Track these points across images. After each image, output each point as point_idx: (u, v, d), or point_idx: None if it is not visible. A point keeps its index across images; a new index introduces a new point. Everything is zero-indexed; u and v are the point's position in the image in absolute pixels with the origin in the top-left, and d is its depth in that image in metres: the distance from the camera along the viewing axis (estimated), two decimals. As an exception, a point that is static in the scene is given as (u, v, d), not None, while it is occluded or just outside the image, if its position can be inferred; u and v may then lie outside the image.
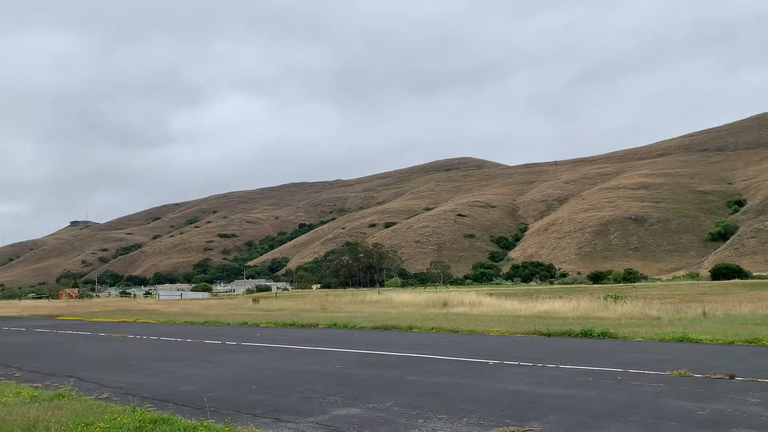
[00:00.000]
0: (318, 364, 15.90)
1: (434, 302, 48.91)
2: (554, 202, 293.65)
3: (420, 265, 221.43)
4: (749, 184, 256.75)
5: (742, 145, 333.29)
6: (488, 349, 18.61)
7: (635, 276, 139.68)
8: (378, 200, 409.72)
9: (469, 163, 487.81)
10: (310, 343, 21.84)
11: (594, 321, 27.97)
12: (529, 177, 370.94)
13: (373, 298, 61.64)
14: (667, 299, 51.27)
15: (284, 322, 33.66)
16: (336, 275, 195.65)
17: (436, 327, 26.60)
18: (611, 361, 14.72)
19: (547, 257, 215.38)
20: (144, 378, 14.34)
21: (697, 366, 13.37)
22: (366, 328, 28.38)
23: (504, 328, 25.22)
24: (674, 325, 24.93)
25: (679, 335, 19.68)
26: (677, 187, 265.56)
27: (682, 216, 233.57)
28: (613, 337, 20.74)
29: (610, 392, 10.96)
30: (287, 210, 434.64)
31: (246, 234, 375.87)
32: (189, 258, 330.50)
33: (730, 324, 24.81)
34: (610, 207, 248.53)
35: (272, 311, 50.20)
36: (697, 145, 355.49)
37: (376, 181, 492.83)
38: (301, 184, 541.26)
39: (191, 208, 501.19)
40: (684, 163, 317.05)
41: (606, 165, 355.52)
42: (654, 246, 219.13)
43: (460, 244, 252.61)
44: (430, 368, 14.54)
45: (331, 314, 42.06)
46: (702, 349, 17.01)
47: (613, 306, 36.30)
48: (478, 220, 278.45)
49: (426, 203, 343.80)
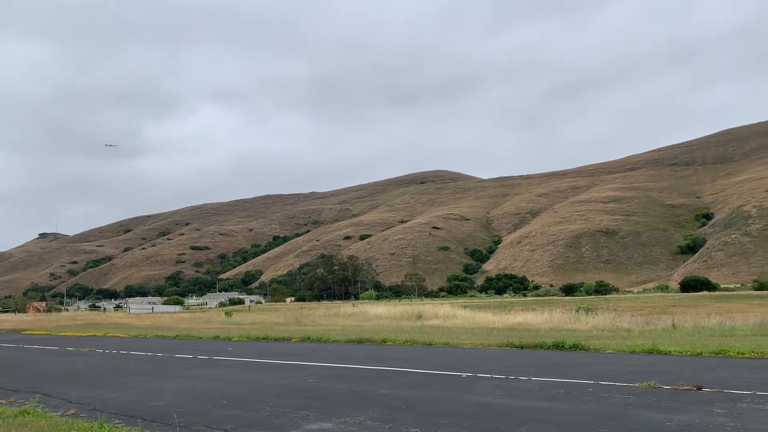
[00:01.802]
0: (291, 378, 15.77)
1: (409, 315, 48.88)
2: (527, 215, 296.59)
3: (395, 278, 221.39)
4: (717, 198, 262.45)
5: (710, 160, 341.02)
6: (461, 361, 18.66)
7: (607, 288, 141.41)
8: (353, 212, 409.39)
9: (443, 175, 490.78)
10: (283, 357, 21.66)
11: (566, 333, 28.23)
12: (503, 190, 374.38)
13: (347, 311, 61.39)
14: (638, 311, 52.00)
15: (257, 335, 33.31)
16: (310, 288, 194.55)
17: (410, 340, 26.58)
18: (583, 373, 14.87)
19: (520, 269, 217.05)
20: (112, 393, 14.07)
21: (666, 378, 13.57)
22: (340, 341, 28.24)
23: (477, 340, 25.32)
24: (644, 337, 25.28)
25: (649, 347, 19.97)
26: (647, 200, 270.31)
27: (652, 229, 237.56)
28: (584, 349, 20.95)
29: (581, 404, 11.06)
30: (261, 222, 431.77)
31: (219, 246, 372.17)
32: (161, 271, 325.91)
33: (699, 336, 25.26)
34: (582, 220, 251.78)
35: (245, 325, 49.65)
36: (666, 160, 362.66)
37: (351, 193, 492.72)
38: (275, 196, 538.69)
39: (164, 220, 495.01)
40: (653, 177, 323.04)
41: (577, 178, 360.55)
42: (625, 258, 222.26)
43: (435, 256, 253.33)
44: (403, 381, 14.53)
45: (304, 327, 41.76)
46: (671, 361, 17.28)
47: (585, 318, 36.70)
48: (453, 232, 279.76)
49: (401, 216, 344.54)
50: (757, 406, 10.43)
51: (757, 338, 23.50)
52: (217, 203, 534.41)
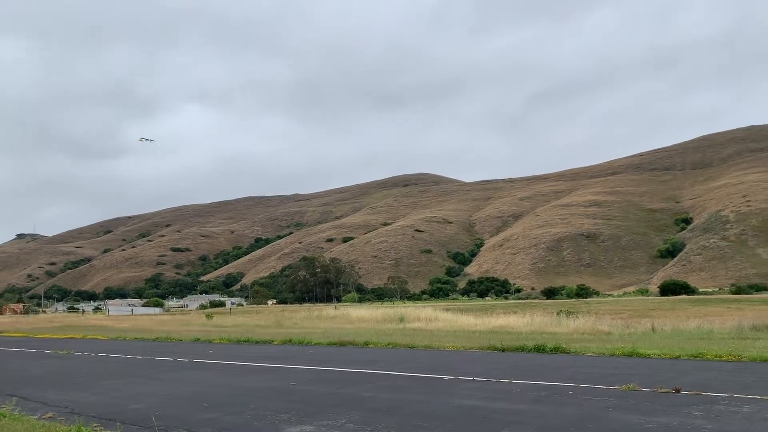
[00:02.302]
0: (272, 381, 15.69)
1: (391, 318, 48.89)
2: (509, 219, 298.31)
3: (377, 280, 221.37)
4: (695, 203, 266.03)
5: (689, 165, 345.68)
6: (443, 364, 18.69)
7: (587, 291, 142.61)
8: (336, 215, 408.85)
9: (426, 178, 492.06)
10: (264, 360, 21.55)
11: (547, 336, 28.41)
12: (486, 193, 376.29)
13: (329, 313, 61.25)
14: (618, 314, 52.51)
15: (238, 338, 33.12)
16: (292, 290, 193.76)
17: (392, 343, 26.57)
18: (563, 376, 14.96)
19: (502, 272, 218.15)
20: (91, 396, 13.90)
21: (645, 380, 13.71)
22: (322, 344, 28.16)
23: (459, 343, 25.38)
24: (624, 340, 25.52)
25: (629, 350, 20.16)
26: (628, 205, 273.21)
27: (632, 233, 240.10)
28: (565, 352, 21.09)
29: (562, 407, 11.13)
30: (243, 224, 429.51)
31: (200, 248, 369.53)
32: (141, 272, 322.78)
33: (677, 339, 25.55)
34: (563, 224, 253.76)
35: (226, 327, 49.33)
36: (646, 165, 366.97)
37: (334, 195, 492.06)
38: (257, 198, 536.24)
39: (144, 222, 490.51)
40: (634, 181, 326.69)
41: (559, 183, 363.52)
42: (605, 262, 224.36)
43: (418, 259, 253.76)
44: (385, 384, 14.52)
45: (286, 330, 41.59)
46: (650, 364, 17.45)
47: (566, 321, 36.96)
48: (436, 235, 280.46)
49: (384, 218, 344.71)
50: (734, 408, 10.57)
51: (734, 341, 23.83)
52: (199, 205, 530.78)
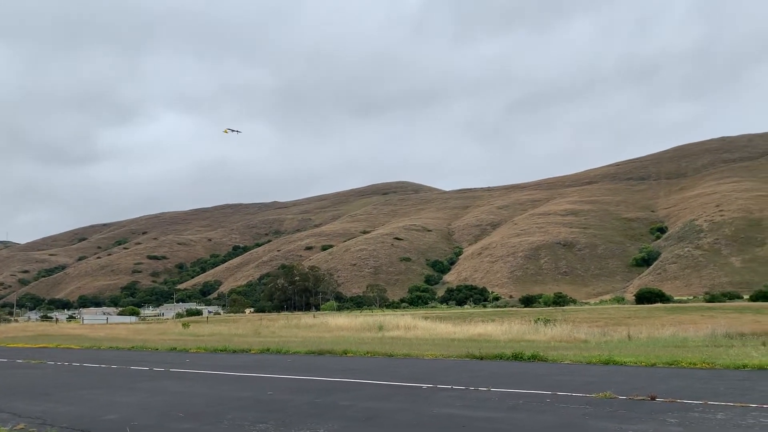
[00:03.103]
0: (249, 391, 15.56)
1: (370, 326, 48.82)
2: (488, 227, 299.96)
3: (356, 289, 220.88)
4: (670, 212, 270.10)
5: (664, 175, 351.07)
6: (422, 372, 18.70)
7: (564, 299, 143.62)
8: (315, 223, 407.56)
9: (406, 187, 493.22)
10: (241, 369, 21.36)
11: (525, 344, 28.58)
12: (464, 202, 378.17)
13: (308, 322, 60.97)
14: (595, 322, 52.99)
15: (215, 347, 32.81)
16: (270, 299, 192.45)
17: (371, 351, 26.53)
18: (541, 384, 15.05)
19: (480, 281, 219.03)
20: (64, 406, 13.65)
21: (621, 388, 13.84)
22: (300, 353, 28.01)
23: (438, 351, 25.41)
24: (601, 348, 25.77)
25: (605, 358, 20.35)
26: (604, 213, 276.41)
27: (608, 242, 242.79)
28: (542, 360, 21.23)
29: (540, 414, 11.19)
30: (221, 232, 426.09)
31: (177, 256, 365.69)
32: (116, 280, 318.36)
33: (653, 347, 25.87)
34: (541, 232, 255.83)
35: (203, 336, 48.83)
36: (622, 174, 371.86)
37: (313, 203, 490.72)
38: (236, 206, 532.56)
39: (120, 229, 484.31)
40: (610, 191, 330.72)
41: (537, 191, 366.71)
42: (582, 270, 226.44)
43: (397, 267, 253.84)
44: (364, 393, 14.47)
45: (264, 339, 41.30)
46: (626, 372, 17.63)
47: (543, 329, 37.25)
48: (415, 243, 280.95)
49: (363, 226, 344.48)
50: (708, 415, 10.72)
51: (708, 349, 24.19)
52: (176, 212, 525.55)
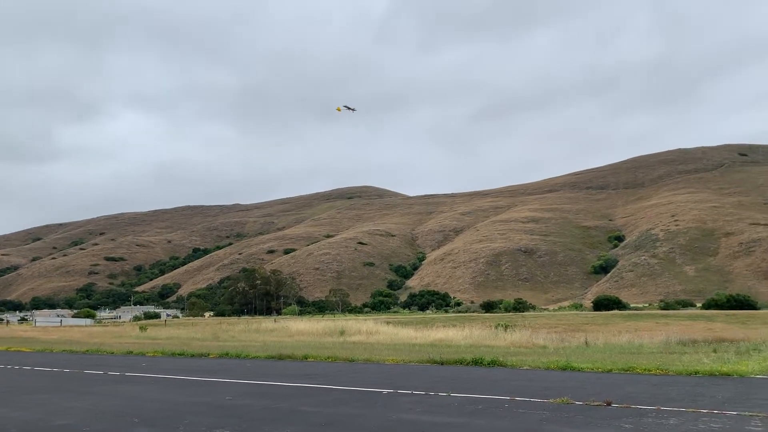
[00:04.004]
0: (207, 396, 15.32)
1: (331, 331, 48.65)
2: (451, 233, 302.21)
3: (319, 293, 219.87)
4: (628, 221, 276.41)
5: (622, 185, 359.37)
6: (383, 378, 18.69)
7: (524, 305, 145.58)
8: (278, 226, 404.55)
9: (370, 191, 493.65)
10: (199, 374, 21.03)
11: (485, 349, 28.83)
12: (428, 207, 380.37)
13: (268, 326, 60.42)
14: (553, 328, 53.76)
15: (173, 351, 32.26)
16: (231, 303, 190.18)
17: (332, 356, 26.42)
18: (500, 389, 15.19)
19: (443, 286, 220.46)
20: (13, 411, 13.22)
21: (578, 394, 14.06)
22: (260, 357, 27.75)
23: (399, 356, 25.45)
24: (559, 353, 26.16)
25: (563, 364, 20.66)
26: (564, 221, 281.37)
27: (567, 249, 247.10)
28: (502, 366, 21.44)
29: (499, 420, 11.30)
30: (181, 234, 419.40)
31: (135, 258, 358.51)
32: (72, 282, 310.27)
33: (609, 353, 26.37)
34: (502, 239, 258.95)
35: (160, 340, 47.98)
36: (582, 183, 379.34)
37: (276, 206, 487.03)
38: (196, 207, 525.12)
39: (77, 229, 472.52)
40: (570, 199, 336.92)
41: (499, 198, 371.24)
42: (542, 277, 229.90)
43: (360, 272, 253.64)
44: (324, 398, 14.39)
45: (223, 343, 40.79)
46: (583, 377, 17.93)
47: (503, 334, 37.67)
48: (378, 248, 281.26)
49: (327, 230, 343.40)
50: (661, 420, 10.97)
51: (662, 355, 24.78)
52: (135, 213, 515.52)
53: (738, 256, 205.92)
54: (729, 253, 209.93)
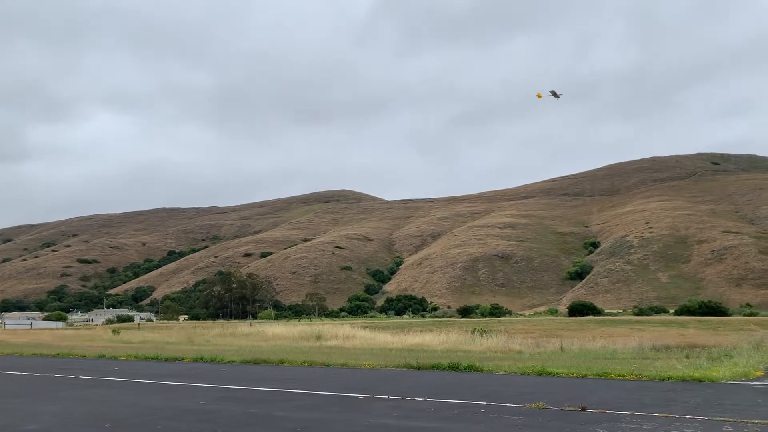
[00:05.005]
0: (181, 400, 15.12)
1: (308, 335, 48.41)
2: (428, 238, 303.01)
3: (295, 297, 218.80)
4: (603, 228, 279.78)
5: (598, 192, 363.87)
6: (359, 382, 18.63)
7: (501, 311, 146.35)
8: (255, 229, 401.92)
9: (348, 195, 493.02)
10: (173, 378, 20.77)
11: (461, 354, 28.91)
12: (406, 212, 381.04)
13: (244, 330, 59.94)
14: (529, 334, 54.13)
15: (146, 355, 31.84)
16: (206, 306, 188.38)
17: (308, 361, 26.29)
18: (476, 394, 15.23)
19: (420, 291, 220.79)
20: (-21, 418, 12.90)
21: (554, 399, 14.15)
22: (235, 362, 27.51)
23: (376, 361, 25.41)
24: (534, 359, 26.32)
25: (539, 369, 20.80)
26: (540, 227, 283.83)
27: (543, 255, 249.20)
28: (478, 371, 21.51)
29: (474, 425, 11.31)
30: (156, 236, 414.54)
31: (109, 260, 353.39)
32: (43, 284, 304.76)
33: (584, 358, 26.61)
34: (479, 244, 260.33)
35: (134, 343, 47.38)
36: (558, 190, 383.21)
37: (253, 209, 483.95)
38: (172, 209, 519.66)
39: (49, 231, 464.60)
40: (546, 205, 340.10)
41: (476, 204, 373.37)
42: (518, 282, 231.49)
43: (337, 276, 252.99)
44: (299, 403, 14.29)
45: (198, 347, 40.36)
46: (558, 383, 18.06)
47: (480, 339, 37.80)
48: (356, 252, 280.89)
49: (304, 234, 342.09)
50: (635, 426, 11.08)
51: (636, 361, 25.07)
52: (109, 214, 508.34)
53: (710, 263, 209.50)
54: (701, 260, 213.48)
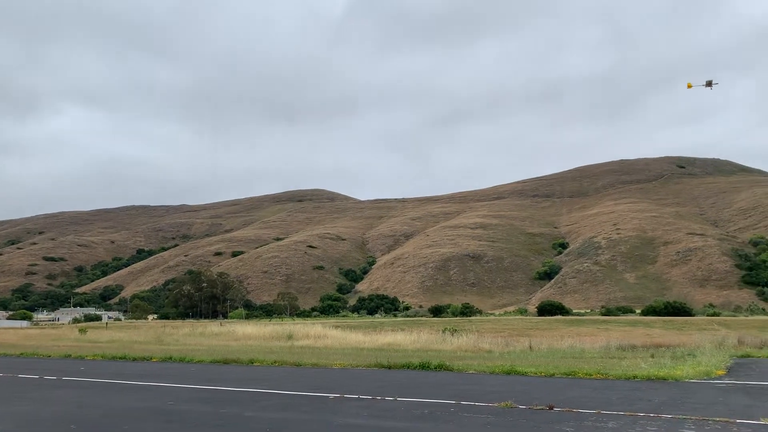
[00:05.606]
0: (149, 401, 14.94)
1: (279, 335, 48.18)
2: (401, 238, 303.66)
3: (267, 297, 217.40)
4: (571, 229, 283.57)
5: (567, 194, 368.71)
6: (330, 382, 18.62)
7: (471, 310, 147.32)
8: (226, 228, 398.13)
9: (321, 195, 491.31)
10: (141, 378, 20.50)
11: (432, 353, 29.07)
12: (379, 212, 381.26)
13: (214, 330, 59.39)
14: (499, 333, 54.66)
15: (114, 354, 31.37)
16: (175, 305, 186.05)
17: (278, 360, 26.18)
18: (446, 394, 15.34)
19: (392, 290, 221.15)
20: (-61, 420, 12.58)
21: (522, 398, 14.34)
22: (204, 361, 27.26)
23: (347, 361, 25.41)
24: (504, 358, 26.60)
25: (508, 368, 21.03)
26: (510, 228, 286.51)
27: (514, 255, 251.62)
28: (448, 370, 21.66)
29: (444, 424, 11.40)
30: (125, 234, 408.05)
31: (76, 258, 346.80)
32: (7, 282, 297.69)
33: (552, 357, 26.97)
34: (451, 244, 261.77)
35: (101, 343, 46.63)
36: (528, 191, 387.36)
37: (225, 208, 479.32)
38: (141, 207, 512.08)
39: (14, 228, 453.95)
40: (517, 206, 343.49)
41: (449, 204, 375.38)
42: (489, 282, 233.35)
43: (309, 275, 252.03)
44: (269, 403, 14.23)
45: (167, 347, 39.89)
46: (527, 382, 18.29)
47: (450, 339, 38.05)
48: (328, 252, 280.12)
49: (276, 233, 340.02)
50: (601, 424, 11.29)
51: (602, 360, 25.50)
52: (77, 212, 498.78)
53: (675, 264, 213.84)
54: (667, 261, 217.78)
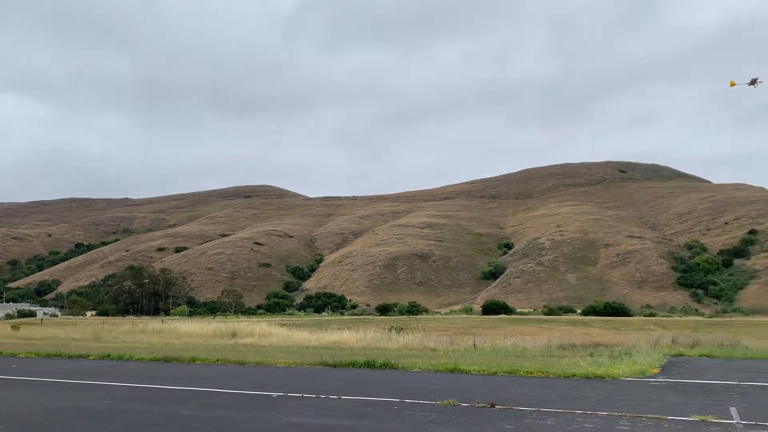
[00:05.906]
0: (84, 400, 14.45)
1: (222, 333, 47.43)
2: (350, 236, 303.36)
3: (211, 294, 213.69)
4: (517, 230, 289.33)
5: (513, 195, 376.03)
6: (274, 381, 18.43)
7: (418, 309, 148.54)
8: (170, 223, 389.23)
9: (269, 191, 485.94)
10: (78, 377, 19.82)
11: (378, 352, 29.14)
12: (328, 210, 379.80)
13: (155, 327, 58.00)
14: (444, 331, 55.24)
15: (48, 352, 30.26)
16: (115, 302, 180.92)
17: (221, 359, 25.77)
18: (390, 391, 15.39)
19: (340, 288, 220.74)
20: None
21: (465, 396, 14.51)
22: (144, 359, 26.59)
23: (292, 359, 25.21)
24: (448, 356, 26.88)
25: (452, 366, 21.27)
26: (458, 228, 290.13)
27: (460, 255, 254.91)
28: (393, 368, 21.75)
29: (388, 422, 11.43)
30: (63, 227, 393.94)
31: (10, 251, 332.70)
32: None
33: (495, 356, 27.43)
34: (399, 243, 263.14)
35: (35, 340, 44.89)
36: (476, 192, 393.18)
37: (169, 202, 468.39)
38: (81, 200, 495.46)
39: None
40: (464, 207, 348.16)
41: (398, 203, 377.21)
42: (435, 281, 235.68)
43: (256, 272, 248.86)
44: (209, 402, 13.97)
45: (105, 344, 38.74)
46: (470, 380, 18.53)
47: (396, 337, 38.22)
48: (276, 249, 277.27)
49: (222, 229, 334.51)
50: (540, 421, 11.54)
51: (544, 359, 26.08)
52: (11, 203, 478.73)
53: (615, 266, 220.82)
54: (607, 263, 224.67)
